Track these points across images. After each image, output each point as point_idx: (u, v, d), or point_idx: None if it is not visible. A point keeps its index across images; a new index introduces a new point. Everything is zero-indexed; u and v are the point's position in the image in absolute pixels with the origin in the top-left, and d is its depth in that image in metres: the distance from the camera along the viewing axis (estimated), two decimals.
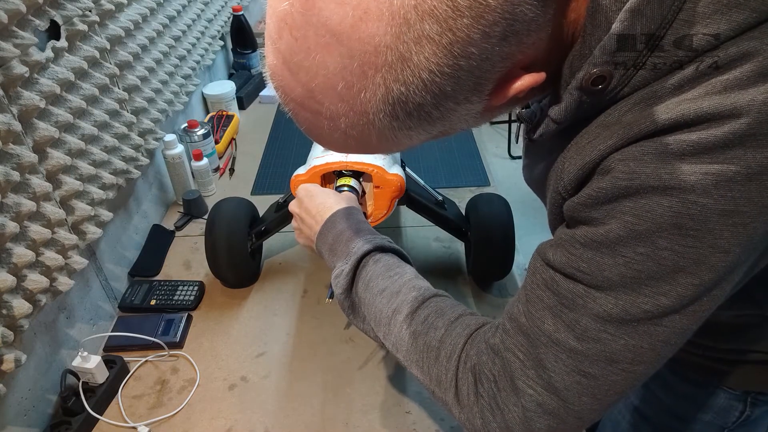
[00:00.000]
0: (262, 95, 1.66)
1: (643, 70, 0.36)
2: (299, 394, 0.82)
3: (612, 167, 0.37)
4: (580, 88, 0.38)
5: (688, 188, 0.34)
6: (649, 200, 0.35)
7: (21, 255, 0.68)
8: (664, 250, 0.36)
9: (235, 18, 1.64)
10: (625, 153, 0.36)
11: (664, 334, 0.39)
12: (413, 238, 1.11)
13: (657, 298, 0.37)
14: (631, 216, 0.36)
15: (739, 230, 0.34)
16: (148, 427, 0.77)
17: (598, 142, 0.38)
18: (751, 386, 0.61)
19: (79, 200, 0.82)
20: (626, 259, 0.37)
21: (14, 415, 0.72)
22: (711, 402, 0.64)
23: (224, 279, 0.99)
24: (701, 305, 0.38)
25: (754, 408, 0.62)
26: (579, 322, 0.40)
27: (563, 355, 0.41)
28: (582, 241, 0.39)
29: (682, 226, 0.35)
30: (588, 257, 0.39)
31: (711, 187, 0.34)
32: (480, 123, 0.43)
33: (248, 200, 1.01)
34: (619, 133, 0.37)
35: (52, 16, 0.76)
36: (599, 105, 0.39)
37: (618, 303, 0.38)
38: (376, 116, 0.35)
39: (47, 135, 0.73)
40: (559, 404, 0.42)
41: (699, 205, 0.34)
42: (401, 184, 0.77)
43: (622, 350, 0.39)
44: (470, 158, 1.34)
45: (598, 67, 0.37)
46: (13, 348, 0.68)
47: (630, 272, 0.37)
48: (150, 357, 0.87)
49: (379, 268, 0.58)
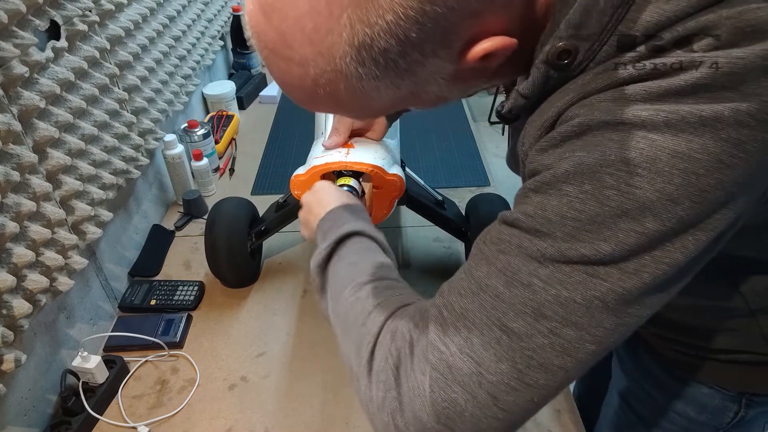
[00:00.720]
0: (262, 95, 1.66)
1: (608, 46, 0.36)
2: (299, 394, 0.82)
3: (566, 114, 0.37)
4: (546, 61, 0.38)
5: (639, 123, 0.33)
6: (600, 135, 0.35)
7: (21, 255, 0.68)
8: (609, 188, 0.34)
9: (235, 18, 1.64)
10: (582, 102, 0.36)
11: (600, 290, 0.35)
12: (413, 238, 1.11)
13: (596, 244, 0.34)
14: (581, 151, 0.35)
15: (690, 179, 0.33)
16: (148, 427, 0.77)
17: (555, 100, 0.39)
18: (745, 387, 0.61)
19: (79, 200, 0.83)
20: (570, 198, 0.35)
21: (14, 415, 0.72)
22: (706, 402, 0.64)
23: (224, 279, 0.99)
24: (643, 265, 0.34)
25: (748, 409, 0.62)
26: (511, 264, 0.37)
27: (488, 304, 0.37)
28: (531, 186, 0.38)
29: (629, 161, 0.33)
30: (535, 201, 0.37)
31: (662, 124, 0.33)
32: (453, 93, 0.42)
33: (248, 200, 1.01)
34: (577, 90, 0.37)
35: (52, 16, 0.76)
36: (566, 80, 0.39)
37: (554, 245, 0.35)
38: (342, 61, 0.35)
39: (47, 135, 0.73)
40: (472, 369, 0.37)
41: (649, 139, 0.33)
42: (401, 184, 0.77)
43: (551, 302, 0.35)
44: (470, 158, 1.34)
45: (563, 40, 0.37)
46: (13, 348, 0.68)
47: (571, 212, 0.35)
48: (150, 357, 0.87)
49: (359, 246, 0.55)
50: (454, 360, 0.38)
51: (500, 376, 0.36)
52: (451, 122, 1.50)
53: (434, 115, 1.53)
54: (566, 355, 0.36)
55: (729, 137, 0.32)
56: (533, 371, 0.36)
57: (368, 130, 0.81)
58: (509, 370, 0.36)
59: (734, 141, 0.32)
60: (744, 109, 0.32)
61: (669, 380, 0.66)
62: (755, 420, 0.64)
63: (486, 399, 0.37)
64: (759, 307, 0.55)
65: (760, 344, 0.57)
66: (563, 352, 0.36)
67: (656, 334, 0.65)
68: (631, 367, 0.74)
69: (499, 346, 0.36)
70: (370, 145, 0.79)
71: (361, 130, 0.80)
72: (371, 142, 0.80)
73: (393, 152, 0.83)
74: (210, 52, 1.48)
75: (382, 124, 0.80)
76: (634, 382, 0.73)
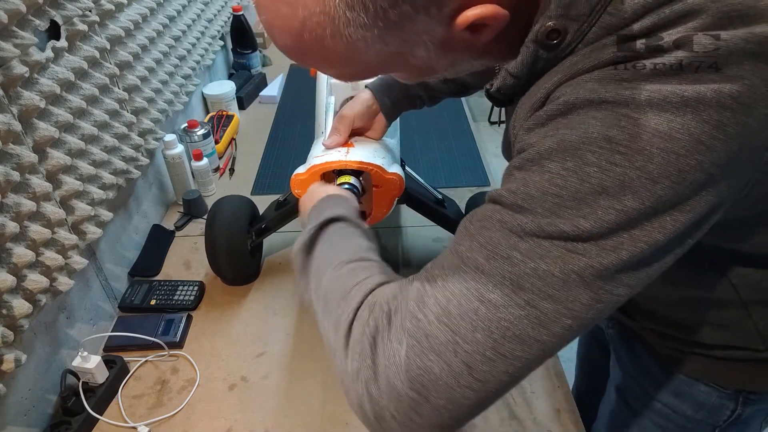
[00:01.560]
0: (262, 95, 1.66)
1: (596, 27, 0.36)
2: (299, 394, 0.82)
3: (553, 94, 0.37)
4: (535, 41, 0.38)
5: (622, 102, 0.34)
6: (583, 114, 0.35)
7: (21, 255, 0.68)
8: (590, 165, 0.34)
9: (235, 18, 1.64)
10: (569, 82, 0.37)
11: (578, 265, 0.35)
12: (413, 238, 1.11)
13: (576, 220, 0.35)
14: (564, 129, 0.36)
15: (670, 158, 0.33)
16: (148, 427, 0.77)
17: (544, 82, 0.39)
18: (742, 385, 0.62)
19: (79, 200, 0.83)
20: (551, 175, 0.35)
21: (14, 415, 0.72)
22: (703, 400, 0.64)
23: (224, 276, 0.99)
24: (621, 243, 0.35)
25: (745, 407, 0.63)
26: (492, 238, 0.37)
27: (467, 276, 0.38)
28: (516, 164, 0.39)
29: (612, 139, 0.34)
30: (518, 177, 0.37)
31: (644, 103, 0.33)
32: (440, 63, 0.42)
33: (249, 198, 1.01)
34: (564, 71, 0.37)
35: (52, 16, 0.76)
36: (556, 61, 0.39)
37: (534, 220, 0.36)
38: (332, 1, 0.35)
39: (47, 135, 0.73)
40: (448, 338, 0.37)
41: (631, 118, 0.33)
42: (400, 182, 0.77)
43: (530, 275, 0.36)
44: (470, 158, 1.34)
45: (553, 20, 0.37)
46: (13, 348, 0.68)
47: (553, 188, 0.35)
48: (150, 357, 0.87)
49: (342, 231, 0.55)
50: (431, 328, 0.38)
51: (476, 345, 0.36)
52: (451, 122, 1.50)
53: (434, 115, 1.53)
54: (542, 328, 0.36)
55: (710, 119, 0.32)
56: (509, 342, 0.36)
57: (368, 130, 0.81)
58: (485, 339, 0.36)
59: (715, 123, 0.33)
60: (726, 92, 0.32)
61: (666, 378, 0.67)
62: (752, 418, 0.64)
63: (461, 368, 0.37)
64: (751, 300, 0.55)
65: (755, 340, 0.57)
66: (539, 324, 0.36)
67: (653, 330, 0.65)
68: (629, 365, 0.74)
69: (476, 316, 0.36)
70: (370, 144, 0.79)
71: (361, 130, 0.80)
72: (371, 141, 0.80)
73: (393, 151, 0.83)
74: (210, 52, 1.48)
75: (382, 123, 0.80)
76: (631, 380, 0.73)
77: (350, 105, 0.79)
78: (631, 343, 0.72)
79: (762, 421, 0.66)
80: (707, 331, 0.59)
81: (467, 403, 0.38)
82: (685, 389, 0.65)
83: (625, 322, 0.70)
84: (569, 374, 0.91)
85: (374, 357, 0.40)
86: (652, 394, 0.69)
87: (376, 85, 0.79)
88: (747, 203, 0.40)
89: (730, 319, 0.57)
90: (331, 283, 0.48)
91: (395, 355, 0.39)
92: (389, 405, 0.39)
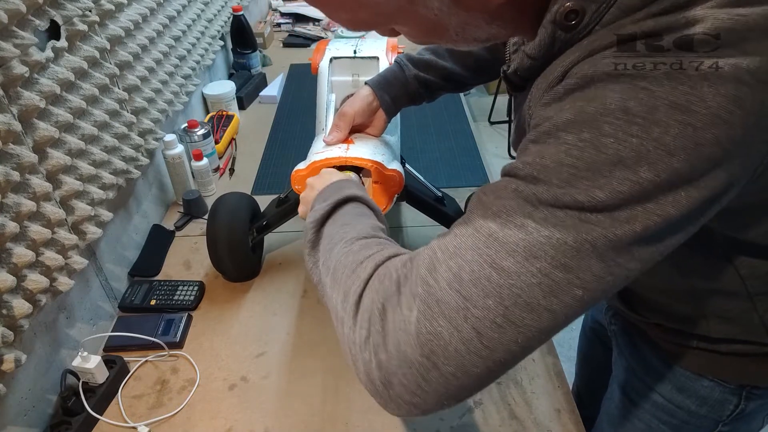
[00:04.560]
0: (262, 95, 1.66)
1: (614, 8, 0.36)
2: (299, 394, 0.82)
3: (571, 71, 0.37)
4: (553, 21, 0.38)
5: (640, 75, 0.34)
6: (601, 88, 0.35)
7: (21, 255, 0.68)
8: (607, 136, 0.34)
9: (235, 18, 1.64)
10: (587, 59, 0.37)
11: (593, 234, 0.35)
12: (413, 238, 1.11)
13: (591, 191, 0.35)
14: (581, 101, 0.36)
15: (687, 131, 0.33)
16: (148, 427, 0.77)
17: (561, 61, 0.39)
18: (746, 380, 0.62)
19: (79, 200, 0.82)
20: (568, 146, 0.35)
21: (14, 415, 0.72)
22: (706, 395, 0.64)
23: (225, 272, 0.99)
24: (635, 215, 0.35)
25: (748, 402, 0.63)
26: (506, 206, 0.37)
27: (481, 243, 0.37)
28: (531, 137, 0.38)
29: (629, 111, 0.34)
30: (533, 150, 0.38)
31: (663, 76, 0.33)
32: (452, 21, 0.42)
33: (250, 195, 1.01)
34: (583, 49, 0.37)
35: (52, 16, 0.76)
36: (572, 42, 0.39)
37: (550, 190, 0.36)
38: None
39: (47, 135, 0.73)
40: (459, 304, 0.37)
41: (649, 90, 0.33)
42: (400, 179, 0.78)
43: (543, 243, 0.35)
44: (470, 158, 1.34)
45: (571, 0, 0.37)
46: (13, 348, 0.68)
47: (569, 159, 0.35)
48: (150, 357, 0.87)
49: (357, 210, 0.55)
50: (442, 294, 0.38)
51: (486, 311, 0.36)
52: (451, 122, 1.50)
53: (434, 114, 1.53)
54: (553, 297, 0.36)
55: (728, 92, 0.33)
56: (519, 309, 0.36)
57: (368, 126, 0.81)
58: (495, 306, 0.36)
59: (732, 97, 0.33)
60: (744, 66, 0.32)
61: (669, 373, 0.67)
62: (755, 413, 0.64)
63: (470, 333, 0.37)
64: (757, 292, 0.55)
65: (760, 334, 0.57)
66: (550, 292, 0.36)
67: (657, 324, 0.65)
68: (631, 361, 0.74)
69: (488, 283, 0.36)
70: (370, 141, 0.79)
71: (362, 126, 0.81)
72: (371, 138, 0.81)
73: (393, 148, 0.83)
74: (210, 52, 1.48)
75: (382, 119, 0.80)
76: (634, 376, 0.73)
77: (350, 102, 0.79)
78: (634, 339, 0.72)
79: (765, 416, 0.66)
80: (713, 324, 0.59)
81: (476, 372, 0.38)
82: (689, 384, 0.65)
83: (629, 316, 0.70)
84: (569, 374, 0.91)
85: (384, 323, 0.40)
86: (655, 390, 0.69)
87: (376, 82, 0.79)
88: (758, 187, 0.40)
89: (736, 311, 0.57)
90: (342, 257, 0.48)
91: (405, 321, 0.39)
92: (398, 371, 0.39)
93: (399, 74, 0.79)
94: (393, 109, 0.80)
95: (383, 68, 0.84)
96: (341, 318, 0.44)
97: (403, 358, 0.38)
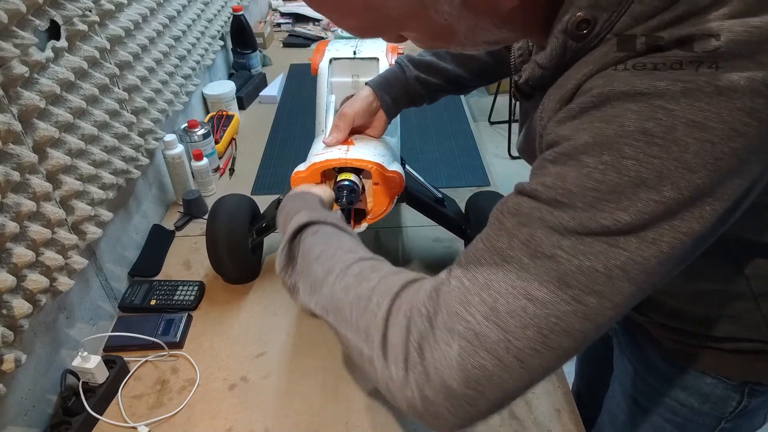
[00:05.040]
0: (262, 95, 1.66)
1: (626, 16, 0.36)
2: (299, 394, 0.82)
3: (585, 86, 0.37)
4: (565, 31, 0.38)
5: (656, 94, 0.34)
6: (618, 107, 0.35)
7: (21, 255, 0.68)
8: (628, 158, 0.34)
9: (235, 18, 1.64)
10: (601, 74, 0.37)
11: (621, 259, 0.36)
12: (413, 238, 1.11)
13: (616, 213, 0.35)
14: (599, 122, 0.36)
15: (705, 147, 0.33)
16: (148, 427, 0.77)
17: (574, 73, 0.39)
18: (748, 376, 0.62)
19: (79, 200, 0.83)
20: (589, 169, 0.36)
21: (14, 415, 0.72)
22: (709, 393, 0.64)
23: (224, 273, 0.99)
24: (661, 234, 0.35)
25: (751, 398, 0.63)
26: (534, 236, 0.38)
27: (512, 275, 0.38)
28: (549, 158, 0.39)
29: (648, 132, 0.34)
30: (553, 172, 0.38)
31: (679, 94, 0.34)
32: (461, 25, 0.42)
33: (249, 197, 1.01)
34: (595, 61, 0.37)
35: (52, 16, 0.76)
36: (584, 51, 0.39)
37: (575, 216, 0.36)
38: None
39: (47, 135, 0.73)
40: (499, 336, 0.38)
41: (666, 110, 0.34)
42: (400, 180, 0.78)
43: (575, 272, 0.36)
44: (470, 158, 1.34)
45: (582, 10, 0.37)
46: (13, 348, 0.68)
47: (591, 183, 0.36)
48: (150, 357, 0.87)
49: (316, 239, 0.55)
50: (480, 328, 0.38)
51: (526, 341, 0.38)
52: (451, 122, 1.50)
53: (434, 114, 1.53)
54: (588, 321, 0.37)
55: (744, 106, 0.33)
56: (557, 336, 0.37)
57: (368, 127, 0.81)
58: (535, 335, 0.37)
59: (749, 109, 0.33)
60: (759, 78, 0.33)
61: (672, 371, 0.67)
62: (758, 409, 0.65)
63: (513, 363, 0.38)
64: (762, 292, 0.55)
65: (763, 331, 0.57)
66: (585, 318, 0.37)
67: (660, 324, 0.65)
68: (633, 359, 0.74)
69: (525, 314, 0.37)
70: (370, 142, 0.79)
71: (362, 127, 0.81)
72: (371, 139, 0.81)
73: (393, 149, 0.83)
74: (210, 52, 1.48)
75: (382, 120, 0.80)
76: (636, 374, 0.73)
77: (350, 103, 0.79)
78: (636, 338, 0.72)
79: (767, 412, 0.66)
80: (717, 323, 0.59)
81: (518, 391, 0.40)
82: (692, 382, 0.65)
83: (631, 315, 0.70)
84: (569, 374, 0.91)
85: (423, 360, 0.40)
86: (657, 388, 0.69)
87: (377, 83, 0.79)
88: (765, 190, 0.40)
89: (740, 311, 0.57)
90: (341, 294, 0.48)
91: (446, 356, 0.39)
92: (445, 403, 0.40)
93: (400, 75, 0.79)
94: (393, 110, 0.80)
95: (383, 69, 0.84)
96: (368, 356, 0.44)
97: (449, 392, 0.39)
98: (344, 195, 0.75)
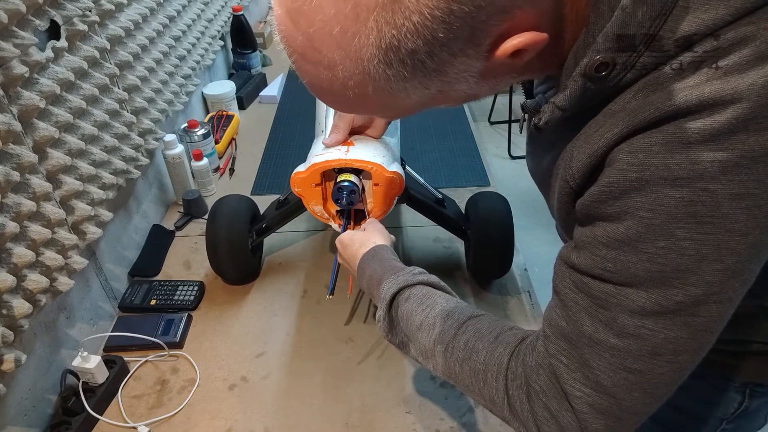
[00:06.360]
0: (262, 95, 1.66)
1: (645, 57, 0.36)
2: (299, 394, 0.82)
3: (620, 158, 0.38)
4: (584, 74, 0.39)
5: (696, 177, 0.35)
6: (660, 193, 0.36)
7: (21, 255, 0.68)
8: (683, 240, 0.36)
9: (235, 18, 1.64)
10: (632, 144, 0.37)
11: (702, 323, 0.39)
12: (413, 238, 1.11)
13: (687, 289, 0.38)
14: (645, 211, 0.37)
15: (753, 212, 0.35)
16: (148, 427, 0.77)
17: (604, 130, 0.39)
18: (750, 378, 0.62)
19: (79, 200, 0.83)
20: (649, 255, 0.38)
21: (14, 415, 0.72)
22: (710, 395, 0.64)
23: (224, 274, 0.99)
24: (732, 289, 0.38)
25: (752, 399, 0.63)
26: (616, 320, 0.40)
27: (606, 354, 0.41)
28: (604, 241, 0.40)
29: (696, 214, 0.35)
30: (612, 257, 0.40)
31: (719, 173, 0.34)
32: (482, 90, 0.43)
33: (249, 197, 1.01)
34: (625, 120, 0.38)
35: (52, 16, 0.76)
36: (603, 92, 0.39)
37: (650, 297, 0.39)
38: (370, 63, 0.36)
39: (47, 135, 0.73)
40: (611, 402, 0.42)
41: (709, 191, 0.35)
42: (400, 181, 0.77)
43: (663, 343, 0.40)
44: (470, 158, 1.34)
45: (601, 53, 0.37)
46: (13, 348, 0.68)
47: (655, 266, 0.38)
48: (150, 357, 0.87)
49: (410, 305, 0.59)
50: (592, 399, 0.43)
51: (635, 401, 0.42)
52: (451, 122, 1.50)
53: (434, 115, 1.53)
54: (682, 371, 0.42)
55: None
56: (660, 389, 0.42)
57: (368, 128, 0.81)
58: (642, 395, 0.42)
59: None
60: None
61: None
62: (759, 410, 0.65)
63: (627, 416, 0.43)
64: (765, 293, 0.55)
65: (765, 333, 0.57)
66: (680, 370, 0.42)
67: None
68: None
69: (627, 382, 0.42)
70: (370, 143, 0.79)
71: (361, 128, 0.80)
72: (371, 139, 0.81)
73: (393, 150, 0.83)
74: (210, 52, 1.48)
75: (382, 121, 0.80)
76: None
77: None
78: None
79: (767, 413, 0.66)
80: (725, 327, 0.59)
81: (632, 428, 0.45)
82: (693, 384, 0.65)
83: None
84: None
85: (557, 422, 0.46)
86: None
87: None
88: None
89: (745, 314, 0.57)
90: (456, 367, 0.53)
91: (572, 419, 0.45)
92: None
93: None
94: None
95: None
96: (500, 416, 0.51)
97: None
98: (344, 196, 0.75)
